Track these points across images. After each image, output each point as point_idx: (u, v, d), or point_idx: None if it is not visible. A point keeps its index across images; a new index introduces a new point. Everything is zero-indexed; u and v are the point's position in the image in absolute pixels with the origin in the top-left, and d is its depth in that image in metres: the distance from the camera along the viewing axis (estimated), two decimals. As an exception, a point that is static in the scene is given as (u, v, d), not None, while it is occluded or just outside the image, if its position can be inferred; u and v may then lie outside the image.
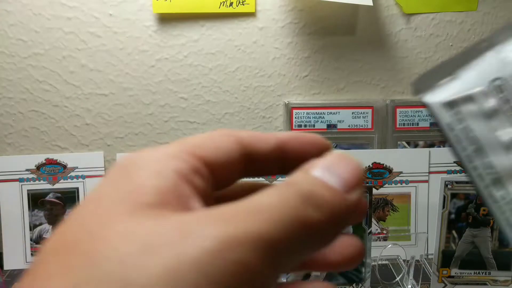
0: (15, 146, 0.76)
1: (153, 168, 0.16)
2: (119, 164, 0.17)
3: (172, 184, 0.15)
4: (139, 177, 0.15)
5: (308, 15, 0.73)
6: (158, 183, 0.15)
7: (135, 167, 0.16)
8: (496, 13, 0.74)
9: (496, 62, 0.18)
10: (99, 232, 0.14)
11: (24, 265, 0.74)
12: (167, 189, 0.15)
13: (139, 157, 0.17)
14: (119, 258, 0.13)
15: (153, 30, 0.72)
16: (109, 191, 0.15)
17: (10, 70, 0.73)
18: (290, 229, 0.14)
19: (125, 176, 0.16)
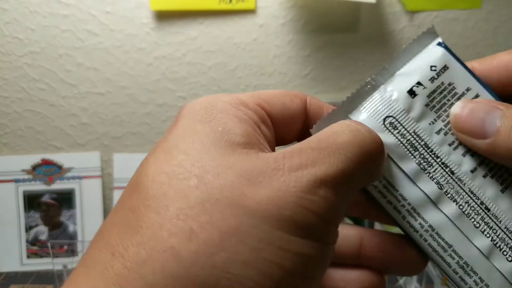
0: (10, 146, 0.75)
1: (233, 113, 0.18)
2: (200, 105, 0.19)
3: (251, 128, 0.18)
4: (225, 120, 0.18)
5: (309, 12, 0.72)
6: (242, 126, 0.18)
7: (216, 110, 0.18)
8: (500, 11, 0.73)
9: (382, 102, 0.21)
10: (207, 164, 0.16)
11: (20, 267, 0.74)
12: (248, 132, 0.18)
13: (217, 100, 0.19)
14: (230, 188, 0.15)
15: (151, 28, 0.71)
16: (202, 130, 0.17)
17: (5, 69, 0.72)
18: (363, 163, 0.17)
19: (212, 118, 0.18)
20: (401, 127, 0.20)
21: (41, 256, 0.74)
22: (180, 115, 0.19)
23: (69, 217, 0.75)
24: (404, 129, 0.20)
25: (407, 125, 0.20)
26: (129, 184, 0.18)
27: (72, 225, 0.75)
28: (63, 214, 0.75)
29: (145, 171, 0.17)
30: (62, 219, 0.75)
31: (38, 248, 0.75)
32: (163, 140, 0.18)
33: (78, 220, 0.75)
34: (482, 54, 0.74)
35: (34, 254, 0.74)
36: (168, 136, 0.18)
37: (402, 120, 0.20)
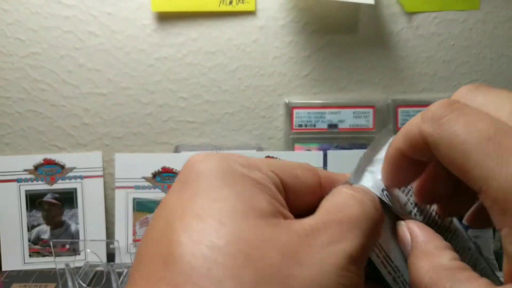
0: (12, 146, 0.76)
1: (253, 177, 0.18)
2: (218, 166, 0.18)
3: (272, 194, 0.18)
4: (248, 186, 0.18)
5: (309, 13, 0.72)
6: (264, 193, 0.18)
7: (237, 174, 0.18)
8: (498, 12, 0.73)
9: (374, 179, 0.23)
10: (247, 238, 0.16)
11: (22, 266, 0.74)
12: (271, 199, 0.18)
13: (233, 162, 0.19)
14: (278, 268, 0.16)
15: (152, 29, 0.72)
16: (230, 196, 0.17)
17: (7, 70, 0.73)
18: (373, 233, 0.19)
19: (235, 182, 0.18)
20: (393, 199, 0.23)
21: (43, 255, 0.75)
22: (195, 172, 0.19)
23: (71, 217, 0.75)
24: (395, 202, 0.23)
25: (395, 198, 0.23)
26: (155, 250, 0.17)
27: (74, 224, 0.75)
28: (65, 214, 0.75)
29: (177, 240, 0.16)
30: (64, 218, 0.75)
31: (40, 247, 0.75)
32: (185, 202, 0.18)
33: (80, 219, 0.75)
34: (481, 55, 0.75)
35: (36, 253, 0.75)
36: (191, 197, 0.18)
37: (392, 193, 0.23)
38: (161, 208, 0.19)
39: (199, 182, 0.18)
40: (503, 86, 0.76)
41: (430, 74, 0.75)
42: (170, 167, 0.73)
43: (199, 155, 0.19)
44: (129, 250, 0.70)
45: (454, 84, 0.76)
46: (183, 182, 0.19)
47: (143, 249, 0.18)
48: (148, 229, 0.18)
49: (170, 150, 0.76)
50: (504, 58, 0.75)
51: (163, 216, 0.18)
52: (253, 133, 0.76)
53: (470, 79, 0.76)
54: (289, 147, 0.75)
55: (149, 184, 0.73)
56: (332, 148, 0.74)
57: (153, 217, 0.19)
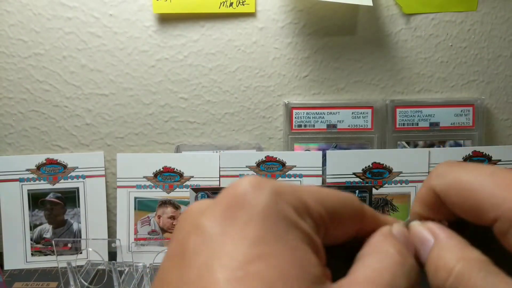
0: (15, 146, 0.76)
1: (303, 231, 0.17)
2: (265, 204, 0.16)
3: (318, 248, 0.17)
4: (299, 240, 0.16)
5: (308, 15, 0.73)
6: (313, 249, 0.16)
7: (288, 221, 0.16)
8: (496, 13, 0.74)
9: None
10: None
11: (24, 265, 0.75)
12: (318, 258, 0.17)
13: (282, 201, 0.17)
14: None
15: (153, 30, 0.72)
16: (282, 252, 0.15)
17: (10, 70, 0.73)
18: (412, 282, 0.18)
19: (286, 233, 0.16)
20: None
21: (45, 254, 0.75)
22: (242, 205, 0.16)
23: (73, 216, 0.76)
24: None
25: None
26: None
27: (76, 224, 0.76)
28: (67, 213, 0.75)
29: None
30: (66, 217, 0.76)
31: (42, 246, 0.75)
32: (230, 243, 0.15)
33: (82, 218, 0.76)
34: (479, 56, 0.75)
35: (39, 252, 0.75)
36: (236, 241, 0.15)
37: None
38: (199, 235, 0.16)
39: (249, 224, 0.16)
40: (500, 86, 0.76)
41: (428, 75, 0.76)
42: (171, 166, 0.74)
43: (249, 181, 0.17)
44: (131, 249, 0.71)
45: (452, 84, 0.76)
46: (230, 213, 0.16)
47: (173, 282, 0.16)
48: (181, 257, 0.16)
49: (171, 150, 0.77)
50: (501, 59, 0.75)
51: (202, 251, 0.16)
52: (253, 133, 0.77)
53: (468, 79, 0.76)
54: (289, 147, 0.75)
55: (150, 183, 0.74)
56: (331, 148, 0.75)
57: (185, 239, 0.16)
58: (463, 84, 0.76)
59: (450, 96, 0.76)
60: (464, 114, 0.75)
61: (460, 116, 0.75)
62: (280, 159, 0.73)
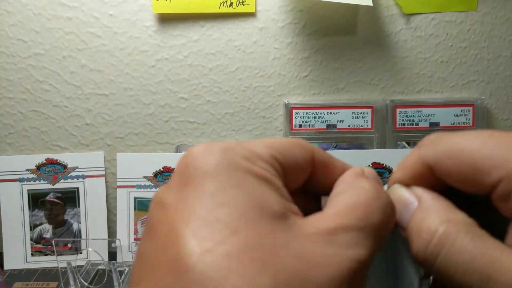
0: (15, 146, 0.76)
1: (258, 174, 0.17)
2: (218, 161, 0.17)
3: (278, 190, 0.17)
4: (255, 184, 0.17)
5: (308, 15, 0.73)
6: (272, 191, 0.17)
7: (240, 169, 0.17)
8: (496, 13, 0.74)
9: None
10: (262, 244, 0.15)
11: (24, 265, 0.75)
12: (279, 197, 0.17)
13: (234, 156, 0.17)
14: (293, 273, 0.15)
15: (153, 30, 0.72)
16: (238, 198, 0.16)
17: (10, 70, 0.73)
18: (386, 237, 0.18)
19: (240, 181, 0.17)
20: None
21: (45, 254, 0.75)
22: (196, 170, 0.17)
23: (73, 216, 0.76)
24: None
25: None
26: (161, 258, 0.16)
27: (76, 223, 0.76)
28: (67, 213, 0.75)
29: (187, 248, 0.15)
30: (66, 217, 0.76)
31: (42, 246, 0.75)
32: (187, 203, 0.16)
33: (82, 218, 0.76)
34: (479, 56, 0.75)
35: (39, 252, 0.75)
36: (194, 199, 0.16)
37: None
38: (160, 208, 0.17)
39: (203, 182, 0.17)
40: (500, 86, 0.76)
41: (428, 75, 0.76)
42: (171, 166, 0.74)
43: (198, 148, 0.18)
44: (131, 249, 0.71)
45: (452, 84, 0.76)
46: (184, 180, 0.17)
47: (146, 257, 0.16)
48: (148, 233, 0.17)
49: (171, 150, 0.77)
50: (501, 59, 0.75)
51: (165, 220, 0.16)
52: (253, 133, 0.77)
53: (468, 79, 0.76)
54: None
55: (150, 183, 0.74)
56: (331, 148, 0.75)
57: (151, 217, 0.17)
58: (463, 84, 0.76)
59: (450, 96, 0.76)
60: (464, 114, 0.75)
61: (460, 116, 0.75)
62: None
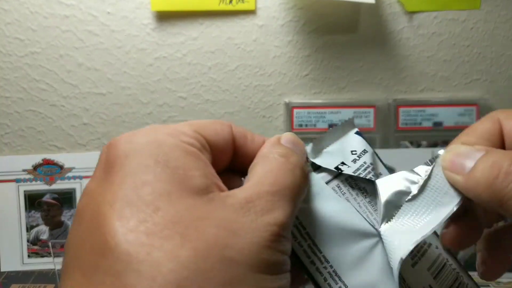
0: (11, 146, 0.75)
1: (182, 148, 0.18)
2: (145, 141, 0.18)
3: (203, 163, 0.18)
4: (179, 159, 0.18)
5: (309, 13, 0.72)
6: (197, 164, 0.18)
7: (165, 146, 0.18)
8: (499, 11, 0.73)
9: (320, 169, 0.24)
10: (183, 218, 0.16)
11: (21, 266, 0.74)
12: (204, 171, 0.18)
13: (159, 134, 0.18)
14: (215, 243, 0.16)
15: (151, 28, 0.71)
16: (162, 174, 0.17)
17: (6, 69, 0.73)
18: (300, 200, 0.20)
19: (166, 157, 0.17)
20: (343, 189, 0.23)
21: (42, 256, 0.75)
22: (120, 152, 0.18)
23: (70, 217, 0.75)
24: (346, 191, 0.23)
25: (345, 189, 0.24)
26: (88, 241, 0.16)
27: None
28: (64, 214, 0.75)
29: (111, 229, 0.15)
30: (63, 218, 0.75)
31: (39, 247, 0.75)
32: (113, 184, 0.17)
33: (79, 219, 0.75)
34: (482, 55, 0.74)
35: (35, 253, 0.75)
36: (119, 179, 0.17)
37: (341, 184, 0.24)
38: (85, 196, 0.18)
39: (127, 163, 0.17)
40: (503, 85, 0.76)
41: (431, 74, 0.75)
42: (169, 167, 0.73)
43: (119, 136, 0.19)
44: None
45: (455, 83, 0.75)
46: (109, 166, 0.18)
47: (73, 242, 0.17)
48: (75, 220, 0.18)
49: (169, 150, 0.76)
50: (505, 57, 0.75)
51: (90, 205, 0.17)
52: (253, 133, 0.76)
53: (471, 78, 0.75)
54: (289, 147, 0.74)
55: (148, 184, 0.73)
56: (332, 148, 0.74)
57: (78, 207, 0.18)
58: (467, 83, 0.76)
59: (453, 95, 0.76)
60: (467, 114, 0.74)
61: (464, 115, 0.74)
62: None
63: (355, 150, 0.25)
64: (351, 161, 0.25)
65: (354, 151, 0.25)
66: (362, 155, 0.25)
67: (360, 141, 0.26)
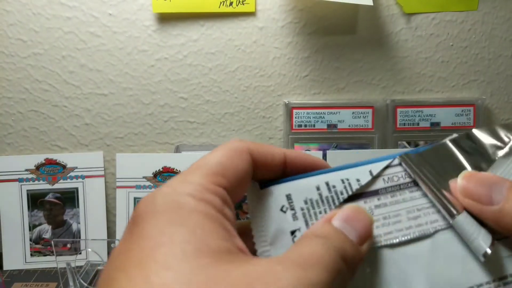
0: (14, 146, 0.76)
1: (201, 210, 0.17)
2: (164, 203, 0.17)
3: (222, 227, 0.17)
4: (198, 221, 0.17)
5: (308, 14, 0.72)
6: (216, 229, 0.17)
7: (185, 209, 0.17)
8: (497, 12, 0.73)
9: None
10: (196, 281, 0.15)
11: (23, 265, 0.74)
12: (223, 234, 0.17)
13: (180, 195, 0.17)
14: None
15: (153, 30, 0.72)
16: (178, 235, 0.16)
17: (9, 70, 0.73)
18: (334, 276, 0.17)
19: (183, 219, 0.16)
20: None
21: (44, 255, 0.75)
22: (140, 214, 0.17)
23: (73, 216, 0.75)
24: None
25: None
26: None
27: (75, 224, 0.75)
28: (66, 213, 0.75)
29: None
30: (65, 217, 0.75)
31: (41, 246, 0.75)
32: (129, 248, 0.16)
33: (81, 218, 0.75)
34: (479, 56, 0.75)
35: (38, 252, 0.75)
36: (135, 242, 0.16)
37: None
38: (109, 258, 0.17)
39: (145, 224, 0.16)
40: (501, 86, 0.76)
41: (429, 75, 0.75)
42: (171, 166, 0.74)
43: (149, 194, 0.18)
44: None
45: (453, 84, 0.76)
46: (131, 225, 0.17)
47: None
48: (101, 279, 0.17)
49: (171, 150, 0.77)
50: (502, 58, 0.75)
51: (107, 268, 0.16)
52: (253, 133, 0.76)
53: (469, 79, 0.76)
54: (289, 147, 0.75)
55: (150, 183, 0.74)
56: (331, 148, 0.75)
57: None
58: (464, 84, 0.76)
59: (451, 96, 0.76)
60: (465, 114, 0.75)
61: (461, 116, 0.75)
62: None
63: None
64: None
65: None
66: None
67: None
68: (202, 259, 0.15)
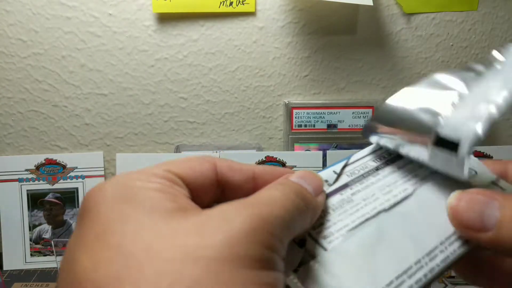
0: (14, 146, 0.76)
1: (150, 187, 0.18)
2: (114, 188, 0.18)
3: (171, 194, 0.18)
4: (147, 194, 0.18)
5: (308, 14, 0.72)
6: (165, 195, 0.18)
7: (135, 188, 0.18)
8: (497, 12, 0.73)
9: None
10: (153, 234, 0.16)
11: (23, 265, 0.74)
12: (173, 197, 0.18)
13: (129, 180, 0.18)
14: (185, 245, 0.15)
15: (153, 30, 0.72)
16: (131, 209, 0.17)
17: (9, 70, 0.73)
18: (292, 213, 0.19)
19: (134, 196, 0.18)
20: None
21: (44, 255, 0.75)
22: (89, 202, 0.18)
23: (73, 216, 0.75)
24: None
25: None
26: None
27: (75, 224, 0.75)
28: (66, 213, 0.75)
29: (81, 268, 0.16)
30: (65, 217, 0.76)
31: (41, 246, 0.75)
32: (83, 232, 0.17)
33: (81, 219, 0.75)
34: (479, 56, 0.75)
35: (38, 252, 0.75)
36: (88, 225, 0.17)
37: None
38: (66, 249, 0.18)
39: (96, 208, 0.17)
40: (501, 86, 0.76)
41: (429, 75, 0.75)
42: (170, 166, 0.73)
43: (96, 185, 0.19)
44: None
45: (453, 84, 0.76)
46: (82, 214, 0.18)
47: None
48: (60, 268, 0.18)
49: (171, 150, 0.77)
50: (502, 58, 0.75)
51: (65, 255, 0.17)
52: (253, 133, 0.76)
53: (469, 79, 0.76)
54: (289, 147, 0.75)
55: (150, 183, 0.74)
56: (331, 148, 0.75)
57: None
58: (464, 84, 0.76)
59: (450, 96, 0.76)
60: (465, 114, 0.74)
61: (461, 116, 0.74)
62: (280, 159, 0.73)
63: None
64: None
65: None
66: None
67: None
68: (154, 219, 0.16)
